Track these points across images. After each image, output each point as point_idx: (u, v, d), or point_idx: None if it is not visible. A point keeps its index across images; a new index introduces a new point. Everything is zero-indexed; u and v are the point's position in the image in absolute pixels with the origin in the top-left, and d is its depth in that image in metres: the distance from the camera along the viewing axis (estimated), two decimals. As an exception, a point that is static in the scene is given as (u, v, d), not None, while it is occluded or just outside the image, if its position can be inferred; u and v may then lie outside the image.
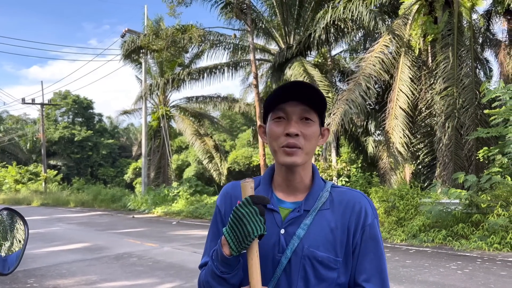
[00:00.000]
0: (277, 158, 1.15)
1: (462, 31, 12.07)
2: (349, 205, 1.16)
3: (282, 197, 1.19)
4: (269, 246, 1.13)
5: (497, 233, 8.01)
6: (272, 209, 1.16)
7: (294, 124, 1.12)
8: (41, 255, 8.45)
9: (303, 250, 1.11)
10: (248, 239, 1.03)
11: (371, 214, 1.16)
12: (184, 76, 17.99)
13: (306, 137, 1.13)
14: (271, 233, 1.13)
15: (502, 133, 9.53)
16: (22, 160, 40.55)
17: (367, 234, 1.14)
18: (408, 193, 10.32)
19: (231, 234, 1.05)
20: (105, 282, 6.11)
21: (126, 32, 20.98)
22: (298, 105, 1.13)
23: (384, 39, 12.43)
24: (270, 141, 1.16)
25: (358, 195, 1.19)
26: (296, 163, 1.12)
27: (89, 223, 15.10)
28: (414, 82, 12.51)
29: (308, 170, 1.20)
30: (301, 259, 1.11)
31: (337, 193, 1.19)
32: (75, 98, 41.44)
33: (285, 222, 1.14)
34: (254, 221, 1.03)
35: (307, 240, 1.11)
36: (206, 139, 22.85)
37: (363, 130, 16.32)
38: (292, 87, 1.12)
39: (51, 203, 27.15)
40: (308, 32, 14.73)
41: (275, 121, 1.15)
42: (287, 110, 1.13)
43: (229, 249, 1.05)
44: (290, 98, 1.13)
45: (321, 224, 1.13)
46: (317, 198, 1.17)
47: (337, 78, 17.68)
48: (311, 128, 1.14)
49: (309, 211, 1.15)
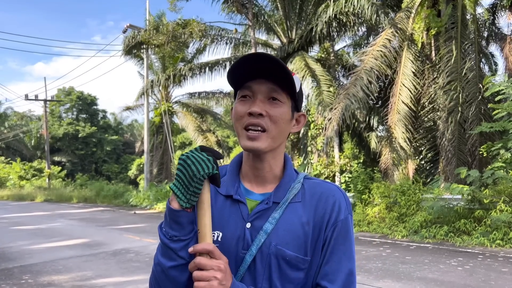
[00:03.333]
0: (240, 142, 1.03)
1: (466, 24, 11.87)
2: (322, 198, 1.04)
3: (250, 187, 1.08)
4: (232, 241, 1.01)
5: (500, 229, 7.88)
6: (238, 200, 1.05)
7: (258, 103, 1.00)
8: (39, 250, 8.42)
9: (269, 247, 0.99)
10: (195, 179, 0.90)
11: (344, 209, 1.04)
12: (185, 71, 17.88)
13: (272, 118, 1.01)
14: (236, 227, 1.02)
15: (506, 127, 9.36)
16: (26, 157, 40.78)
17: (338, 230, 1.02)
18: (409, 188, 10.19)
19: (177, 183, 0.92)
20: (100, 278, 6.05)
21: (128, 28, 20.90)
22: (265, 83, 1.01)
23: (387, 32, 12.25)
24: (234, 122, 1.04)
25: (333, 187, 1.08)
26: (259, 148, 1.00)
27: (90, 219, 15.10)
28: (417, 76, 12.33)
29: (279, 159, 1.08)
30: (267, 258, 0.99)
31: (310, 185, 1.08)
32: (79, 94, 41.57)
33: (251, 215, 1.03)
34: (199, 160, 0.92)
35: (275, 236, 1.00)
36: (208, 135, 22.77)
37: (366, 125, 16.14)
38: (258, 59, 0.98)
39: (55, 199, 27.25)
40: (310, 26, 14.59)
41: (240, 100, 1.04)
42: (253, 88, 1.02)
43: (177, 200, 0.92)
44: (257, 75, 1.01)
45: (291, 218, 1.02)
46: (288, 190, 1.05)
47: (340, 73, 17.52)
48: (279, 109, 1.02)
49: (278, 203, 1.03)
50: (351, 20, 13.61)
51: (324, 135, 14.43)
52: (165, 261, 0.95)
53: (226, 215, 1.05)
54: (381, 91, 14.38)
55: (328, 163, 14.76)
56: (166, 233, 0.94)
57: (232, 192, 1.06)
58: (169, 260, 0.95)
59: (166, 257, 0.95)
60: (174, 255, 0.94)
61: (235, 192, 1.06)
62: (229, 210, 1.05)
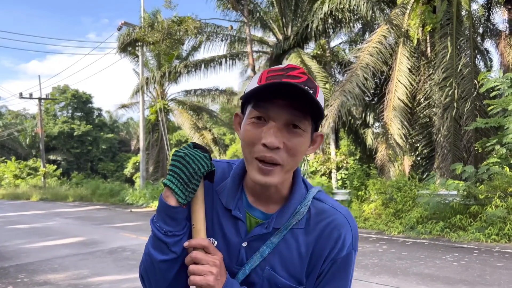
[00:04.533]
0: (248, 169, 0.92)
1: (461, 20, 11.89)
2: (327, 230, 0.96)
3: (253, 202, 0.99)
4: (227, 253, 0.97)
5: (495, 224, 7.92)
6: (237, 217, 0.98)
7: (275, 132, 0.86)
8: (35, 249, 8.38)
9: (263, 271, 0.96)
10: (195, 177, 0.90)
11: (349, 245, 0.97)
12: (181, 69, 17.83)
13: (290, 151, 0.88)
14: (232, 242, 0.98)
15: (501, 123, 9.40)
16: (21, 155, 40.56)
17: (337, 266, 0.96)
18: (406, 185, 10.22)
19: (174, 179, 0.90)
20: (96, 277, 6.02)
21: (122, 25, 20.77)
22: (287, 108, 0.86)
23: (382, 29, 12.25)
24: (243, 145, 0.92)
25: (341, 218, 0.97)
26: (272, 183, 0.90)
27: (86, 217, 15.04)
28: (412, 72, 12.36)
29: (288, 180, 0.98)
30: (260, 280, 0.96)
31: (318, 210, 0.98)
32: (74, 92, 41.34)
33: (249, 235, 0.97)
34: (198, 158, 0.91)
35: (270, 261, 0.96)
36: (204, 132, 22.74)
37: (362, 122, 16.18)
38: (282, 86, 0.84)
39: (50, 197, 27.12)
40: (306, 23, 14.57)
41: (252, 122, 0.89)
42: (270, 111, 0.87)
43: (175, 197, 0.90)
44: (278, 95, 0.85)
45: (291, 246, 0.96)
46: (292, 214, 0.97)
47: (336, 70, 17.53)
48: (299, 139, 0.89)
49: (279, 228, 0.96)
50: (346, 16, 13.61)
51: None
52: (156, 254, 0.93)
53: (224, 227, 1.00)
54: (377, 88, 14.40)
55: (325, 160, 14.79)
56: (160, 228, 0.92)
57: (231, 207, 0.99)
58: (160, 254, 0.93)
59: (158, 250, 0.93)
60: (167, 249, 0.92)
61: (234, 206, 0.99)
62: (227, 223, 1.00)
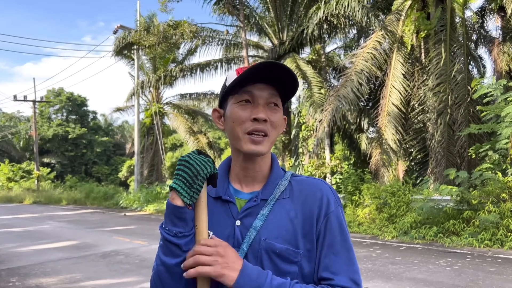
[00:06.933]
0: (240, 145, 1.06)
1: (455, 27, 12.01)
2: (310, 193, 1.07)
3: (239, 187, 1.11)
4: (223, 239, 1.02)
5: (488, 230, 7.97)
6: (228, 200, 1.08)
7: (262, 109, 1.05)
8: (27, 253, 8.32)
9: (260, 242, 1.02)
10: (199, 178, 0.97)
11: (333, 201, 1.07)
12: (176, 72, 17.83)
13: (273, 124, 1.06)
14: (226, 225, 1.05)
15: (494, 129, 9.47)
16: (15, 158, 40.27)
17: (331, 222, 1.05)
18: (399, 189, 10.26)
19: (179, 181, 0.97)
20: (89, 281, 5.99)
21: (118, 28, 20.78)
22: (267, 89, 1.05)
23: (377, 35, 12.34)
24: (233, 126, 1.06)
25: (319, 182, 1.11)
26: (262, 152, 1.05)
27: (79, 221, 14.95)
28: (406, 78, 12.44)
29: (267, 159, 1.12)
30: (259, 253, 1.01)
31: (297, 181, 1.11)
32: (69, 95, 41.15)
33: (240, 212, 1.06)
34: (201, 161, 0.99)
35: (264, 231, 1.02)
36: (199, 136, 22.74)
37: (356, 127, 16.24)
38: (266, 67, 1.02)
39: (44, 201, 26.92)
40: (301, 28, 14.64)
41: (239, 104, 1.06)
42: (254, 93, 1.05)
43: (180, 197, 0.97)
44: (259, 79, 1.04)
45: (280, 214, 1.05)
46: (276, 187, 1.09)
47: (331, 75, 17.59)
48: (277, 114, 1.07)
49: (266, 200, 1.07)
50: (341, 22, 13.69)
51: (315, 136, 14.48)
52: (169, 260, 0.98)
53: (216, 215, 1.07)
54: (371, 93, 14.48)
55: (319, 164, 14.80)
56: (170, 231, 0.98)
57: (221, 193, 1.09)
58: (173, 258, 0.98)
59: (170, 255, 0.98)
60: (179, 251, 0.98)
61: (224, 193, 1.09)
62: (219, 210, 1.08)
